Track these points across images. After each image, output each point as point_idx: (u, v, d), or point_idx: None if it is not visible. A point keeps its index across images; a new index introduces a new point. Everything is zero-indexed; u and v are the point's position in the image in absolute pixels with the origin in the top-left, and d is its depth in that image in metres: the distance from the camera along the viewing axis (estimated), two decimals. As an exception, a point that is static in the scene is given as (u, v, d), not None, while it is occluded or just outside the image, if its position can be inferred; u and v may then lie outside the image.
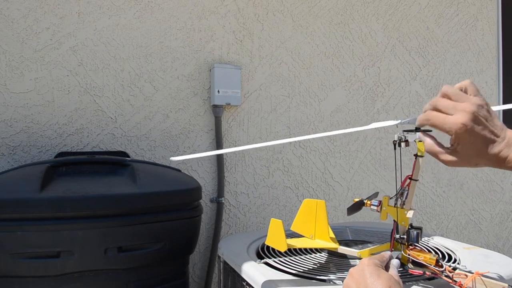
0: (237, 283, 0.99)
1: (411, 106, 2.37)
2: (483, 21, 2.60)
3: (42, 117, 1.61)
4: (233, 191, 1.93)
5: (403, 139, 0.80)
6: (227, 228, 1.92)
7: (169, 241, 1.22)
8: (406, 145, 0.79)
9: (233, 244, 1.14)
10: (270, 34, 2.02)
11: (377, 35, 2.28)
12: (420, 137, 0.75)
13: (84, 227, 1.11)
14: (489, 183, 2.59)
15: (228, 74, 1.85)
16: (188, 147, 1.84)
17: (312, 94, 2.10)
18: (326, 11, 2.15)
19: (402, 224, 0.80)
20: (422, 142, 0.76)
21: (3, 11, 1.57)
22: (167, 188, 1.25)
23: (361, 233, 1.27)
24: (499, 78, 2.63)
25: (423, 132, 0.74)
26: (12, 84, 1.57)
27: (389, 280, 0.60)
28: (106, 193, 1.16)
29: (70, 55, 1.65)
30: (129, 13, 1.75)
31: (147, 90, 1.77)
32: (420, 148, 0.78)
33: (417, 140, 0.77)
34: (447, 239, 1.17)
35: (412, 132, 0.79)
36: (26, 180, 1.16)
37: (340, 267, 0.93)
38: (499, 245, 2.64)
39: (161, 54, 1.80)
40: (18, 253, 1.07)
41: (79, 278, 1.12)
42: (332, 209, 2.15)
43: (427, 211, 2.41)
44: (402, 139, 0.80)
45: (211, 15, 1.89)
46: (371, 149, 2.25)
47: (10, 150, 1.56)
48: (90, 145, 1.67)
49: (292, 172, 2.05)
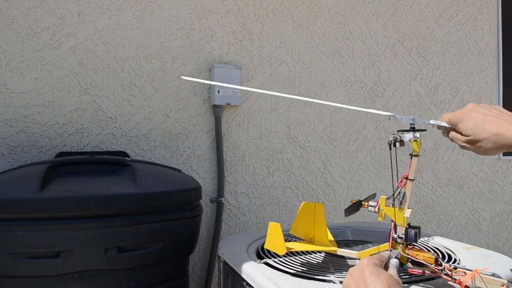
0: (237, 283, 0.99)
1: (411, 106, 2.37)
2: (483, 21, 2.60)
3: (42, 117, 1.61)
4: (233, 191, 1.93)
5: (398, 139, 0.80)
6: (227, 228, 1.92)
7: (169, 241, 1.22)
8: (401, 144, 0.79)
9: (233, 244, 1.14)
10: (270, 34, 2.02)
11: (377, 35, 2.28)
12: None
13: (84, 227, 1.11)
14: (489, 183, 2.59)
15: (228, 74, 1.85)
16: (188, 147, 1.84)
17: (312, 94, 2.10)
18: (326, 11, 2.15)
19: (400, 224, 0.80)
20: (417, 142, 0.77)
21: (3, 11, 1.57)
22: (167, 188, 1.25)
23: (361, 233, 1.27)
24: (499, 78, 2.63)
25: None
26: (12, 84, 1.57)
27: (388, 280, 0.61)
28: (106, 193, 1.16)
29: (70, 55, 1.66)
30: (129, 13, 1.75)
31: (147, 90, 1.77)
32: (415, 147, 0.78)
33: (412, 140, 0.78)
34: (447, 239, 1.17)
35: (406, 132, 0.79)
36: (26, 180, 1.16)
37: (340, 267, 0.93)
38: (499, 245, 2.64)
39: (161, 54, 1.80)
40: (18, 253, 1.07)
41: (79, 278, 1.12)
42: (332, 209, 2.16)
43: (427, 211, 2.41)
44: (397, 139, 0.80)
45: (211, 15, 1.89)
46: (371, 149, 2.25)
47: (10, 150, 1.56)
48: (90, 145, 1.67)
49: (292, 172, 2.05)
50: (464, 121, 0.74)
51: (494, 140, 0.70)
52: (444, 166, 2.46)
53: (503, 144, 0.70)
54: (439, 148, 2.45)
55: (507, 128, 0.69)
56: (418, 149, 0.78)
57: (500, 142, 0.70)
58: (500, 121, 0.71)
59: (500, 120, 0.71)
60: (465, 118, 0.74)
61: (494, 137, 0.70)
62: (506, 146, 0.70)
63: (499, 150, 0.72)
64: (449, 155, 2.48)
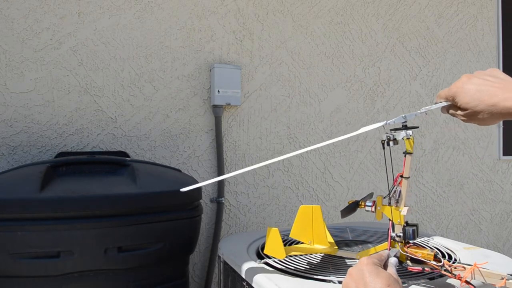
0: (237, 283, 0.99)
1: (411, 106, 2.37)
2: (483, 21, 2.60)
3: (42, 117, 1.61)
4: (233, 191, 1.93)
5: (391, 138, 0.80)
6: (227, 228, 1.92)
7: (169, 241, 1.22)
8: (395, 143, 0.80)
9: (233, 244, 1.14)
10: (270, 34, 2.02)
11: (377, 35, 2.28)
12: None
13: (84, 227, 1.11)
14: (489, 183, 2.59)
15: (228, 74, 1.85)
16: (188, 147, 1.84)
17: (312, 94, 2.11)
18: (326, 11, 2.15)
19: (398, 222, 0.80)
20: (410, 140, 0.77)
21: (3, 11, 1.57)
22: (167, 188, 1.24)
23: (361, 233, 1.27)
24: (499, 78, 2.63)
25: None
26: (12, 84, 1.57)
27: (388, 279, 0.61)
28: (106, 193, 1.16)
29: (70, 55, 1.66)
30: (129, 13, 1.75)
31: (147, 90, 1.77)
32: (408, 145, 0.79)
33: (405, 138, 0.78)
34: (447, 239, 1.17)
35: (399, 130, 0.79)
36: (26, 180, 1.16)
37: (340, 266, 0.93)
38: (499, 245, 2.64)
39: (161, 54, 1.80)
40: (18, 253, 1.07)
41: (79, 278, 1.12)
42: (332, 209, 2.16)
43: (427, 211, 2.41)
44: (390, 138, 0.80)
45: (211, 15, 1.89)
46: (371, 149, 2.25)
47: (10, 150, 1.57)
48: (90, 145, 1.68)
49: (292, 172, 2.05)
50: (460, 95, 0.72)
51: (490, 111, 0.68)
52: (444, 166, 2.46)
53: (499, 114, 0.68)
54: (439, 148, 2.45)
55: (502, 98, 0.67)
56: (411, 147, 0.78)
57: (496, 111, 0.68)
58: (494, 90, 0.68)
59: (495, 88, 0.68)
60: (461, 92, 0.72)
61: (490, 108, 0.68)
62: (503, 114, 0.67)
63: (496, 120, 0.70)
64: (449, 155, 2.48)
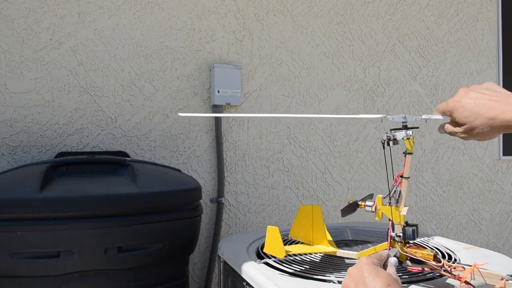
0: (237, 283, 0.99)
1: (411, 106, 2.37)
2: (483, 21, 2.60)
3: (42, 117, 1.61)
4: (233, 191, 1.93)
5: (391, 138, 0.80)
6: (227, 228, 1.92)
7: (169, 241, 1.22)
8: (395, 143, 0.80)
9: (233, 244, 1.14)
10: (270, 34, 2.02)
11: (377, 35, 2.28)
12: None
13: (84, 227, 1.11)
14: (489, 183, 2.59)
15: (228, 74, 1.85)
16: (188, 147, 1.84)
17: (312, 94, 2.11)
18: (326, 11, 2.15)
19: (398, 222, 0.80)
20: (410, 140, 0.77)
21: (3, 11, 1.57)
22: (167, 188, 1.25)
23: (361, 233, 1.27)
24: (499, 78, 2.63)
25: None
26: (12, 84, 1.57)
27: (387, 278, 0.61)
28: (106, 193, 1.16)
29: (70, 55, 1.66)
30: (129, 13, 1.75)
31: (147, 90, 1.77)
32: (408, 145, 0.79)
33: (405, 138, 0.78)
34: (447, 239, 1.17)
35: (399, 130, 0.79)
36: (26, 180, 1.16)
37: (339, 266, 0.93)
38: (499, 245, 2.64)
39: (161, 54, 1.80)
40: (18, 253, 1.07)
41: (79, 278, 1.12)
42: (332, 209, 2.16)
43: (427, 211, 2.41)
44: (390, 138, 0.80)
45: (211, 15, 1.89)
46: (371, 149, 2.25)
47: (10, 150, 1.57)
48: (90, 145, 1.68)
49: (292, 172, 2.05)
50: (458, 109, 0.72)
51: (489, 124, 0.69)
52: (444, 166, 2.46)
53: (499, 127, 0.68)
54: (439, 148, 2.45)
55: (500, 111, 0.67)
56: (411, 147, 0.78)
57: (495, 125, 0.68)
58: (492, 103, 0.69)
59: (493, 102, 0.69)
60: (458, 107, 0.72)
61: (489, 122, 0.68)
62: (503, 127, 0.68)
63: (496, 133, 0.70)
64: (449, 155, 2.48)
